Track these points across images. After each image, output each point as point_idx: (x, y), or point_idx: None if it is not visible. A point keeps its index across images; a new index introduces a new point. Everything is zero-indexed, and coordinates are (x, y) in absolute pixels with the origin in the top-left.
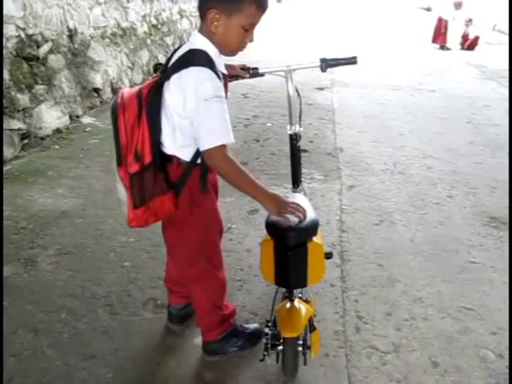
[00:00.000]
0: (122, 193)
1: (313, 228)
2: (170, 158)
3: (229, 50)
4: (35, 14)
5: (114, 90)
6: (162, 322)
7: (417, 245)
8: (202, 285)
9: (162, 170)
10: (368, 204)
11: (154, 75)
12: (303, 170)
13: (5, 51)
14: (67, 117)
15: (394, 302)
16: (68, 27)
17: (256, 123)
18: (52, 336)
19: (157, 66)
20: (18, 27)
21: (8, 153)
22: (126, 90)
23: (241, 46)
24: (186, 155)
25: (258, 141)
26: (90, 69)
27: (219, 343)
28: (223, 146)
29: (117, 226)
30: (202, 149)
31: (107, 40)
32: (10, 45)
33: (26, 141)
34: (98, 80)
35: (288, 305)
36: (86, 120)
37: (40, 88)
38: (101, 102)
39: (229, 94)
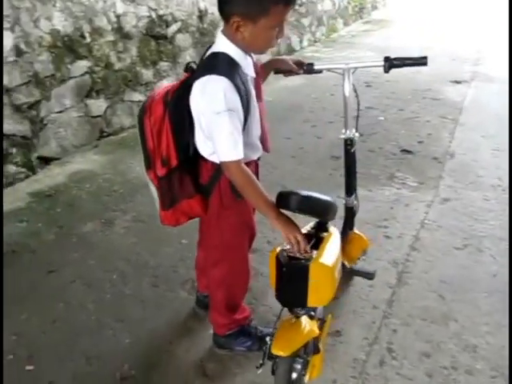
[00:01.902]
0: (154, 192)
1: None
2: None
3: (258, 50)
4: None
5: None
6: (192, 304)
7: (498, 282)
8: (221, 287)
9: (191, 173)
10: (457, 223)
11: (185, 74)
12: (398, 173)
13: (135, 30)
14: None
15: (438, 342)
16: (199, 8)
17: (367, 115)
18: (99, 293)
19: (188, 66)
20: (149, 8)
21: (127, 121)
22: (159, 91)
23: (271, 45)
24: (215, 158)
25: (361, 135)
26: None
27: (226, 339)
28: (238, 161)
29: None
30: (220, 160)
31: None
32: (140, 24)
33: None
34: None
35: (292, 321)
36: None
37: (164, 65)
38: None
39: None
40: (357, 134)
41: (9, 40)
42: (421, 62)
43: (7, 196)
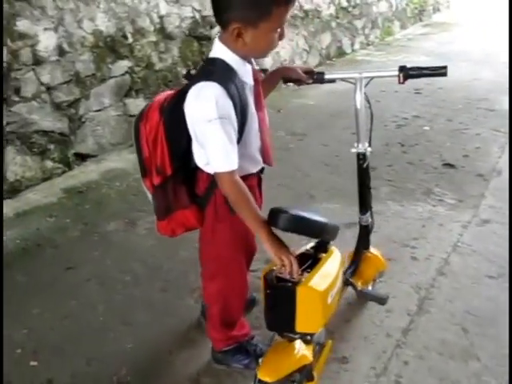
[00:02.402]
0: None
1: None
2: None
3: (258, 55)
4: None
5: None
6: (197, 313)
7: None
8: (216, 302)
9: (187, 183)
10: (494, 248)
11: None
12: (436, 189)
13: (178, 30)
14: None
15: (454, 381)
16: None
17: (412, 125)
18: (110, 293)
19: (188, 73)
20: (194, 9)
21: None
22: (158, 98)
23: (272, 48)
24: (211, 170)
25: (402, 145)
26: None
27: (223, 354)
28: (231, 172)
29: None
30: (213, 171)
31: (290, 20)
32: (183, 25)
33: None
34: (267, 61)
35: (284, 344)
36: None
37: None
38: None
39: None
40: (369, 149)
41: (52, 40)
42: (440, 72)
43: (43, 191)
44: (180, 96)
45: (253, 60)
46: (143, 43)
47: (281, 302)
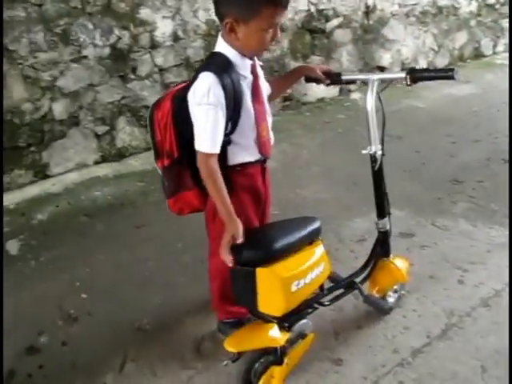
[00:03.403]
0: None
1: (261, 256)
2: None
3: (251, 52)
4: None
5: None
6: None
7: None
8: (216, 277)
9: (192, 167)
10: None
11: None
12: (490, 205)
13: (291, 23)
14: (337, 89)
15: None
16: (366, 3)
17: None
18: (162, 254)
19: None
20: (309, 2)
21: None
22: (173, 88)
23: (264, 47)
24: None
25: (505, 162)
26: (380, 46)
27: (223, 325)
28: (208, 154)
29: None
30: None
31: (412, 18)
32: (297, 18)
33: (287, 103)
34: (385, 58)
35: (259, 324)
36: (355, 95)
37: (316, 58)
38: (382, 81)
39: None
40: (379, 152)
41: (169, 27)
42: (447, 75)
43: (143, 159)
44: (188, 87)
45: (255, 58)
46: None
47: (243, 281)
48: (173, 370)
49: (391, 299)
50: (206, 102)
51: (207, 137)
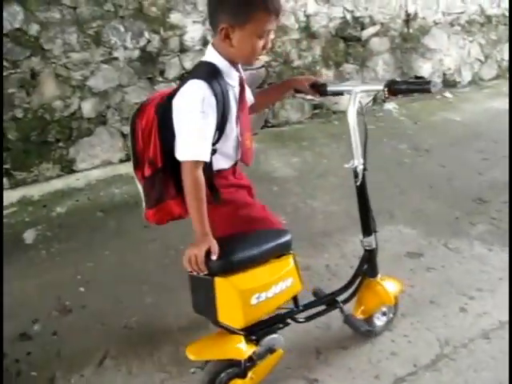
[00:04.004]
0: (141, 191)
1: (221, 266)
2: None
3: (244, 59)
4: None
5: (446, 82)
6: None
7: None
8: None
9: (175, 175)
10: None
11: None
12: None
13: (323, 30)
14: (371, 98)
15: None
16: (406, 11)
17: None
18: (163, 257)
19: (182, 76)
20: (345, 9)
21: (294, 117)
22: (156, 95)
23: (256, 55)
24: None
25: None
26: (420, 56)
27: None
28: (197, 162)
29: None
30: (179, 159)
31: (457, 27)
32: (331, 25)
33: (316, 111)
34: (425, 68)
35: (224, 334)
36: (390, 106)
37: (349, 67)
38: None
39: None
40: (361, 167)
41: (199, 32)
42: (423, 87)
43: None
44: (173, 95)
45: (240, 69)
46: (284, 40)
47: (202, 290)
48: (148, 371)
49: (379, 322)
50: (198, 109)
51: (197, 144)
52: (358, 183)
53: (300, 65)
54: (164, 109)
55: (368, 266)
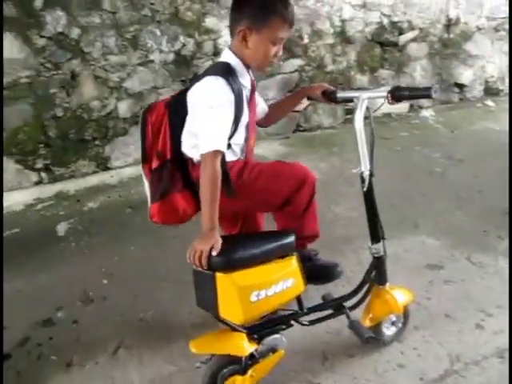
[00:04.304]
0: (147, 189)
1: (222, 262)
2: (188, 159)
3: (257, 62)
4: (408, 2)
5: (488, 90)
6: None
7: None
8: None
9: (183, 169)
10: None
11: None
12: None
13: (359, 35)
14: (407, 105)
15: None
16: (447, 16)
17: None
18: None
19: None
20: (382, 14)
21: (326, 121)
22: (166, 97)
23: (268, 61)
24: (197, 155)
25: None
26: (461, 62)
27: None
28: (217, 153)
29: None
30: (200, 153)
31: (502, 33)
32: (367, 30)
33: (349, 116)
34: (466, 75)
35: (227, 331)
36: (427, 113)
37: (385, 72)
38: (460, 99)
39: None
40: (367, 172)
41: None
42: (425, 93)
43: None
44: (185, 93)
45: (251, 73)
46: (319, 45)
47: (204, 285)
48: (158, 363)
49: (388, 331)
50: (217, 104)
51: (217, 135)
52: (365, 189)
53: (334, 70)
54: (176, 101)
55: (376, 272)
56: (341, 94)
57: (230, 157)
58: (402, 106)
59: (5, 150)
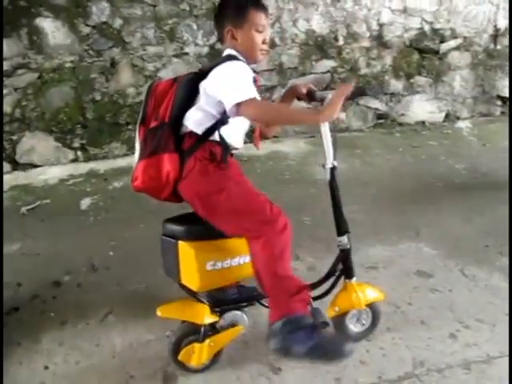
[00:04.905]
0: (136, 154)
1: (185, 232)
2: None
3: (250, 53)
4: (453, 9)
5: None
6: None
7: None
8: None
9: (176, 135)
10: None
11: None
12: None
13: (396, 40)
14: (443, 114)
15: None
16: (495, 26)
17: None
18: None
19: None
20: (424, 20)
21: (355, 124)
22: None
23: (258, 48)
24: (199, 129)
25: None
26: (506, 74)
27: (282, 329)
28: (251, 100)
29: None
30: (232, 103)
31: None
32: (406, 35)
33: (380, 121)
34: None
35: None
36: (463, 124)
37: (422, 79)
38: (502, 113)
39: None
40: (330, 165)
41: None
42: (360, 91)
43: None
44: (197, 74)
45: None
46: (354, 47)
47: (169, 252)
48: (140, 331)
49: (354, 328)
50: (243, 71)
51: (247, 88)
52: (328, 180)
53: (367, 73)
54: (187, 80)
55: (343, 266)
56: (319, 93)
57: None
58: (437, 116)
59: (46, 128)
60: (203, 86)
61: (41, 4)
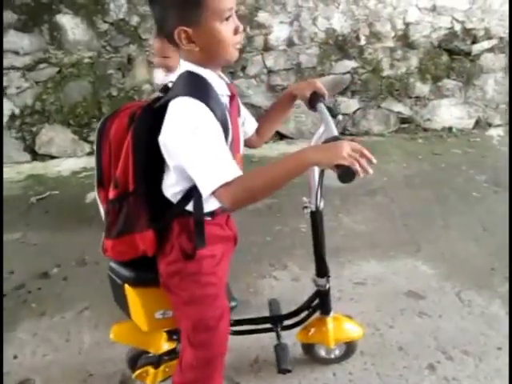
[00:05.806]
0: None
1: (132, 277)
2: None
3: (221, 56)
4: (487, 8)
5: None
6: None
7: None
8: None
9: (149, 204)
10: None
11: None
12: None
13: (423, 40)
14: (473, 120)
15: None
16: None
17: None
18: None
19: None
20: (454, 19)
21: (375, 128)
22: (130, 104)
23: (231, 43)
24: (175, 198)
25: None
26: None
27: None
28: (224, 183)
29: None
30: (206, 193)
31: None
32: (434, 35)
33: (404, 125)
34: None
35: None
36: (494, 132)
37: (450, 82)
38: None
39: None
40: (312, 209)
41: (285, 32)
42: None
43: None
44: (156, 109)
45: (224, 76)
46: (376, 47)
47: (117, 289)
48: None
49: (324, 354)
50: (198, 126)
51: (224, 163)
52: (310, 220)
53: (391, 75)
54: (143, 121)
55: (319, 302)
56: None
57: (212, 203)
58: (466, 122)
59: (64, 121)
60: (162, 141)
61: (61, 1)
